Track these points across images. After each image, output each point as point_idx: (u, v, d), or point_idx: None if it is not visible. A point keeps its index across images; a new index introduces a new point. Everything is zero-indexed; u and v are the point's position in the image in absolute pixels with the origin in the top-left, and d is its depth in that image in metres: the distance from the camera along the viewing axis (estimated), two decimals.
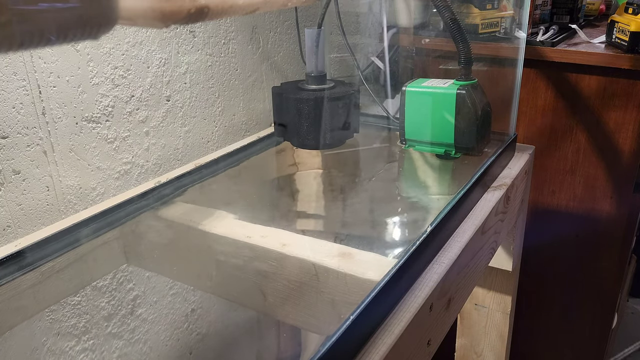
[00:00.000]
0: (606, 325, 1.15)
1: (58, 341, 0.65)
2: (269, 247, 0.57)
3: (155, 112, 0.72)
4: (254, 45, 0.87)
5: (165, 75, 0.73)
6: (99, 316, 0.69)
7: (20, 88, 0.57)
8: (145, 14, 0.27)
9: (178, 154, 0.77)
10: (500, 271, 0.88)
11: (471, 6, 0.91)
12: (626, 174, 1.02)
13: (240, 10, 0.34)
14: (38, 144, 0.59)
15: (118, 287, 0.71)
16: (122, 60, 0.66)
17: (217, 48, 0.80)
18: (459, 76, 0.71)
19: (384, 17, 0.96)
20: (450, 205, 0.58)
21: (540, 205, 1.12)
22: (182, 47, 0.74)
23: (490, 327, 0.92)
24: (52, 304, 0.61)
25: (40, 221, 0.61)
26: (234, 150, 0.79)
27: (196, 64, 0.77)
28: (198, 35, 0.76)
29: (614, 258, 1.08)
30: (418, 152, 0.77)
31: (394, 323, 0.46)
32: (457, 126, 0.70)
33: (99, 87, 0.64)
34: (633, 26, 0.91)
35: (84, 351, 0.69)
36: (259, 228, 0.60)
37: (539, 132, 1.07)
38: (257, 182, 0.84)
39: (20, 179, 0.59)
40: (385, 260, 0.53)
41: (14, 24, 0.21)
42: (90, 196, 0.66)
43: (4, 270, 0.53)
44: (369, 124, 0.86)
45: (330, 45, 0.98)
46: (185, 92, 0.76)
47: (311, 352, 0.40)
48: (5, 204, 0.58)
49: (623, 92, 0.97)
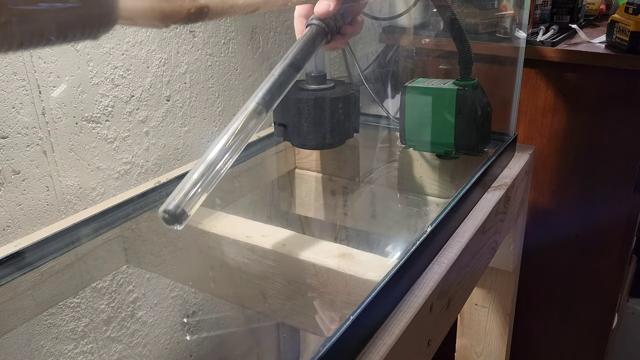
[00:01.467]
0: (606, 325, 1.15)
1: (57, 344, 0.65)
2: (269, 247, 0.57)
3: (155, 112, 0.72)
4: (254, 45, 0.87)
5: (165, 75, 0.73)
6: (99, 319, 0.69)
7: (20, 88, 0.57)
8: (145, 13, 0.27)
9: (178, 154, 0.77)
10: (500, 271, 0.87)
11: (471, 6, 0.91)
12: (626, 174, 1.02)
13: (240, 10, 0.34)
14: (38, 144, 0.59)
15: (118, 289, 0.71)
16: (122, 60, 0.66)
17: (217, 48, 0.80)
18: (459, 76, 0.71)
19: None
20: (450, 205, 0.58)
21: (540, 205, 1.12)
22: (182, 47, 0.74)
23: (490, 327, 0.92)
24: (51, 306, 0.61)
25: (40, 221, 0.61)
26: None
27: (196, 63, 0.77)
28: (198, 35, 0.76)
29: (614, 258, 1.08)
30: (418, 152, 0.77)
31: (394, 323, 0.46)
32: (457, 126, 0.70)
33: (98, 87, 0.64)
34: (633, 26, 0.91)
35: (83, 354, 0.68)
36: (259, 228, 0.60)
37: (539, 132, 1.07)
38: (257, 182, 0.84)
39: (20, 179, 0.59)
40: (385, 261, 0.53)
41: (14, 24, 0.21)
42: (90, 196, 0.66)
43: (3, 270, 0.53)
44: (369, 124, 0.86)
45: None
46: (185, 92, 0.76)
47: (311, 352, 0.40)
48: (5, 204, 0.58)
49: (623, 92, 0.97)
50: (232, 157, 0.45)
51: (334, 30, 0.55)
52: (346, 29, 0.57)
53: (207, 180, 0.44)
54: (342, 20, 0.55)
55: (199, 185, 0.43)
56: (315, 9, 0.53)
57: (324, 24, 0.53)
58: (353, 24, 0.58)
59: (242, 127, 0.46)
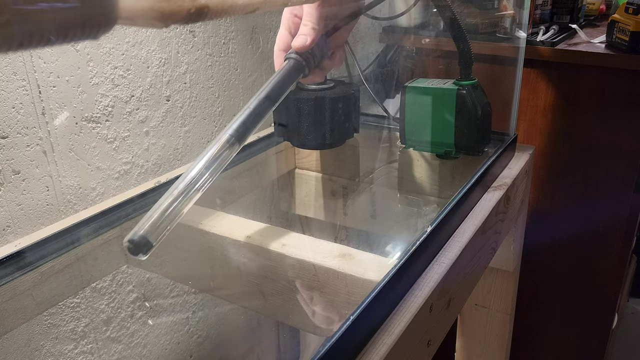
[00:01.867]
0: (606, 325, 1.15)
1: (57, 344, 0.65)
2: (269, 247, 0.57)
3: (155, 112, 0.72)
4: (254, 45, 0.87)
5: (165, 75, 0.73)
6: (99, 320, 0.69)
7: (20, 88, 0.57)
8: (145, 13, 0.27)
9: (178, 154, 0.77)
10: (500, 271, 0.87)
11: (471, 6, 0.91)
12: (626, 174, 1.02)
13: (240, 10, 0.34)
14: (38, 144, 0.59)
15: (118, 289, 0.71)
16: (122, 60, 0.66)
17: (217, 48, 0.80)
18: (459, 76, 0.71)
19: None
20: (450, 205, 0.58)
21: (540, 205, 1.12)
22: (182, 47, 0.74)
23: (490, 327, 0.92)
24: (51, 306, 0.61)
25: (40, 221, 0.61)
26: None
27: (196, 63, 0.77)
28: (198, 35, 0.76)
29: (614, 258, 1.08)
30: (418, 152, 0.77)
31: (394, 323, 0.46)
32: (457, 126, 0.70)
33: (98, 87, 0.64)
34: (633, 26, 0.91)
35: (83, 354, 0.68)
36: (259, 228, 0.60)
37: (539, 132, 1.07)
38: (257, 182, 0.84)
39: (20, 179, 0.59)
40: (385, 261, 0.53)
41: (14, 23, 0.21)
42: (90, 196, 0.66)
43: (3, 270, 0.53)
44: (369, 124, 0.86)
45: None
46: (185, 92, 0.76)
47: (311, 352, 0.40)
48: (5, 204, 0.58)
49: (623, 92, 0.97)
50: (202, 188, 0.46)
51: (312, 65, 0.56)
52: (325, 63, 0.58)
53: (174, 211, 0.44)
54: (320, 54, 0.56)
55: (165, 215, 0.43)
56: (293, 43, 0.54)
57: (302, 58, 0.54)
58: (333, 58, 0.59)
59: (213, 159, 0.47)
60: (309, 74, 0.56)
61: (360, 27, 1.07)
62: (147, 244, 0.42)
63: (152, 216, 0.43)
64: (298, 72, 0.54)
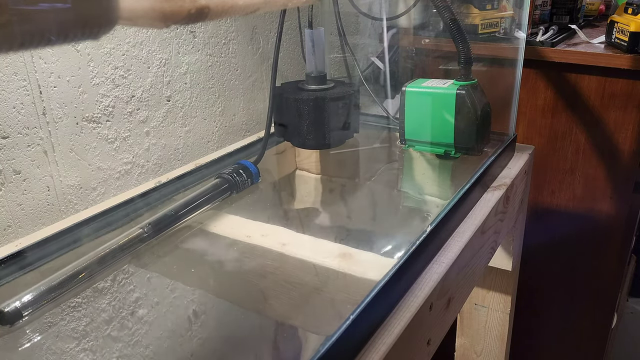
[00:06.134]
0: (606, 325, 1.15)
1: (56, 343, 0.65)
2: (269, 247, 0.57)
3: (155, 112, 0.72)
4: (254, 45, 0.87)
5: (165, 76, 0.73)
6: (99, 319, 0.69)
7: (21, 88, 0.57)
8: (145, 14, 0.27)
9: (178, 154, 0.77)
10: (500, 271, 0.88)
11: (471, 6, 0.91)
12: (626, 174, 1.02)
13: (241, 10, 0.34)
14: (39, 144, 0.59)
15: (118, 289, 0.71)
16: (122, 61, 0.67)
17: (218, 48, 0.80)
18: (458, 76, 0.71)
19: (384, 17, 0.96)
20: (450, 205, 0.58)
21: (540, 205, 1.12)
22: (182, 48, 0.74)
23: (490, 327, 0.92)
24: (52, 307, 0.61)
25: (40, 221, 0.61)
26: (234, 150, 0.79)
27: (196, 64, 0.77)
28: (198, 35, 0.76)
29: (614, 258, 1.08)
30: (418, 152, 0.78)
31: (394, 323, 0.46)
32: (457, 126, 0.71)
33: (99, 87, 0.65)
34: (633, 26, 0.91)
35: (84, 351, 0.69)
36: (259, 228, 0.60)
37: (538, 132, 1.07)
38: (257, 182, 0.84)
39: (21, 179, 0.59)
40: (385, 260, 0.53)
41: (14, 24, 0.21)
42: (91, 196, 0.66)
43: (4, 270, 0.53)
44: (369, 124, 0.86)
45: (330, 45, 0.98)
46: (185, 92, 0.76)
47: (311, 352, 0.41)
48: (6, 204, 0.58)
49: (623, 92, 0.97)
50: (100, 271, 0.49)
51: (240, 186, 0.64)
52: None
53: (59, 291, 0.47)
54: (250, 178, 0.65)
55: (51, 294, 0.46)
56: None
57: (230, 177, 0.62)
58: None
59: (119, 248, 0.50)
60: (235, 194, 0.64)
61: (360, 27, 1.07)
62: (19, 315, 0.44)
63: (36, 292, 0.46)
64: (222, 192, 0.64)
